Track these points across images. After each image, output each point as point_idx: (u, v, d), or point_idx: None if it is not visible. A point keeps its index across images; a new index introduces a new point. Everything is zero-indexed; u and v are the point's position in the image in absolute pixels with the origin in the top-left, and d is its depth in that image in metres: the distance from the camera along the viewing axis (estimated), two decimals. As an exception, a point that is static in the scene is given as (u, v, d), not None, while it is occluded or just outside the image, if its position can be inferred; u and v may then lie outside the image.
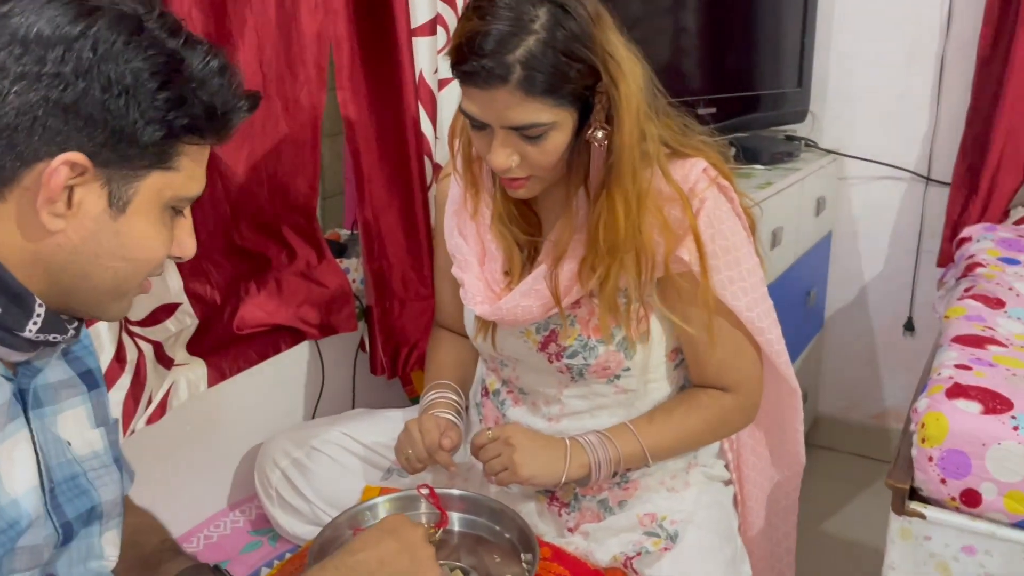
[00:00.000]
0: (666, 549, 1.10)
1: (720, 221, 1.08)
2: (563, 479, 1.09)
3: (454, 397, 1.23)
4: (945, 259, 2.10)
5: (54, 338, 0.70)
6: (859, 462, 2.37)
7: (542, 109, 0.97)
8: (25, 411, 0.71)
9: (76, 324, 0.73)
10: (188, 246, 0.75)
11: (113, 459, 0.82)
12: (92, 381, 0.81)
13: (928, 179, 2.23)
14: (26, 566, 0.69)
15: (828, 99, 2.30)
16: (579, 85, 0.97)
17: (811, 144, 2.27)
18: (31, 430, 0.71)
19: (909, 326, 2.35)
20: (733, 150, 1.99)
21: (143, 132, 0.66)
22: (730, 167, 1.12)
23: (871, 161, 2.28)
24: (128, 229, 0.68)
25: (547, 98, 0.96)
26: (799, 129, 2.29)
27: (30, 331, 0.67)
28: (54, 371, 0.76)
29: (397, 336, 1.51)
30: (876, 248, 2.34)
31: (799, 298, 2.13)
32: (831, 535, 2.05)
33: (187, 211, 0.75)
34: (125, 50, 0.64)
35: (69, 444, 0.76)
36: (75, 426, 0.77)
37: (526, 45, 0.94)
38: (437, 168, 1.50)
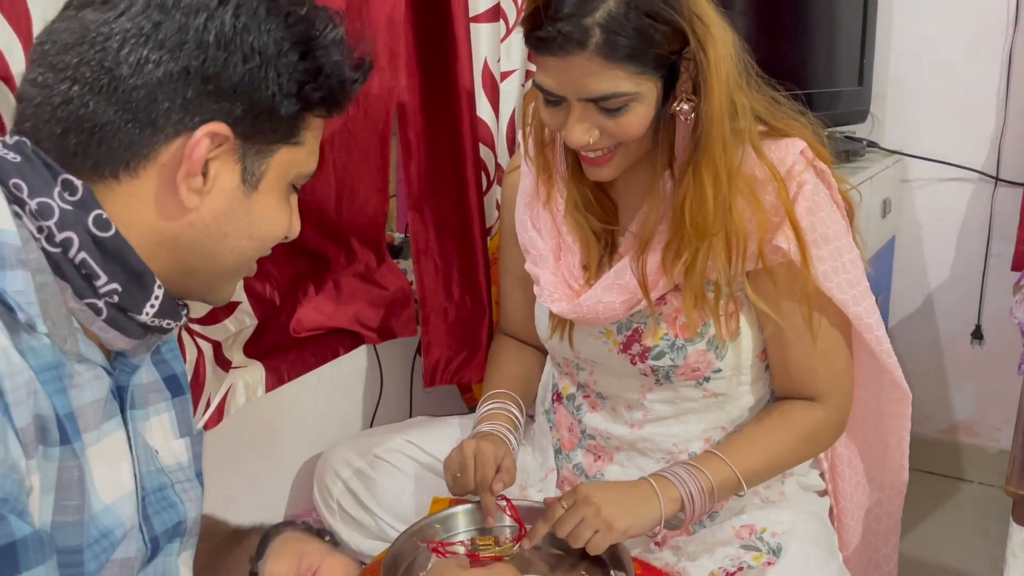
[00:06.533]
0: (769, 563, 1.01)
1: (819, 208, 1.00)
2: (662, 518, 0.98)
3: (513, 410, 1.15)
4: (1021, 262, 2.00)
5: (167, 324, 0.66)
6: (929, 479, 2.25)
7: (623, 77, 0.89)
8: (122, 411, 0.66)
9: (186, 311, 0.69)
10: (296, 226, 0.72)
11: (196, 473, 0.77)
12: (177, 387, 0.76)
13: (997, 179, 2.13)
14: None
15: (888, 97, 2.21)
16: (664, 50, 0.90)
17: (872, 144, 2.19)
18: (128, 432, 0.66)
19: (977, 335, 2.24)
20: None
21: (281, 105, 0.63)
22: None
23: (937, 161, 2.18)
24: (260, 207, 0.66)
25: (629, 65, 0.89)
26: (858, 130, 2.20)
27: (147, 314, 0.63)
28: (146, 372, 0.72)
29: (438, 346, 1.42)
30: (942, 253, 2.24)
31: (865, 304, 2.03)
32: (906, 555, 1.93)
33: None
34: (267, 18, 0.62)
35: (157, 453, 0.71)
36: (161, 434, 0.73)
37: (606, 6, 0.87)
38: (499, 168, 1.43)
